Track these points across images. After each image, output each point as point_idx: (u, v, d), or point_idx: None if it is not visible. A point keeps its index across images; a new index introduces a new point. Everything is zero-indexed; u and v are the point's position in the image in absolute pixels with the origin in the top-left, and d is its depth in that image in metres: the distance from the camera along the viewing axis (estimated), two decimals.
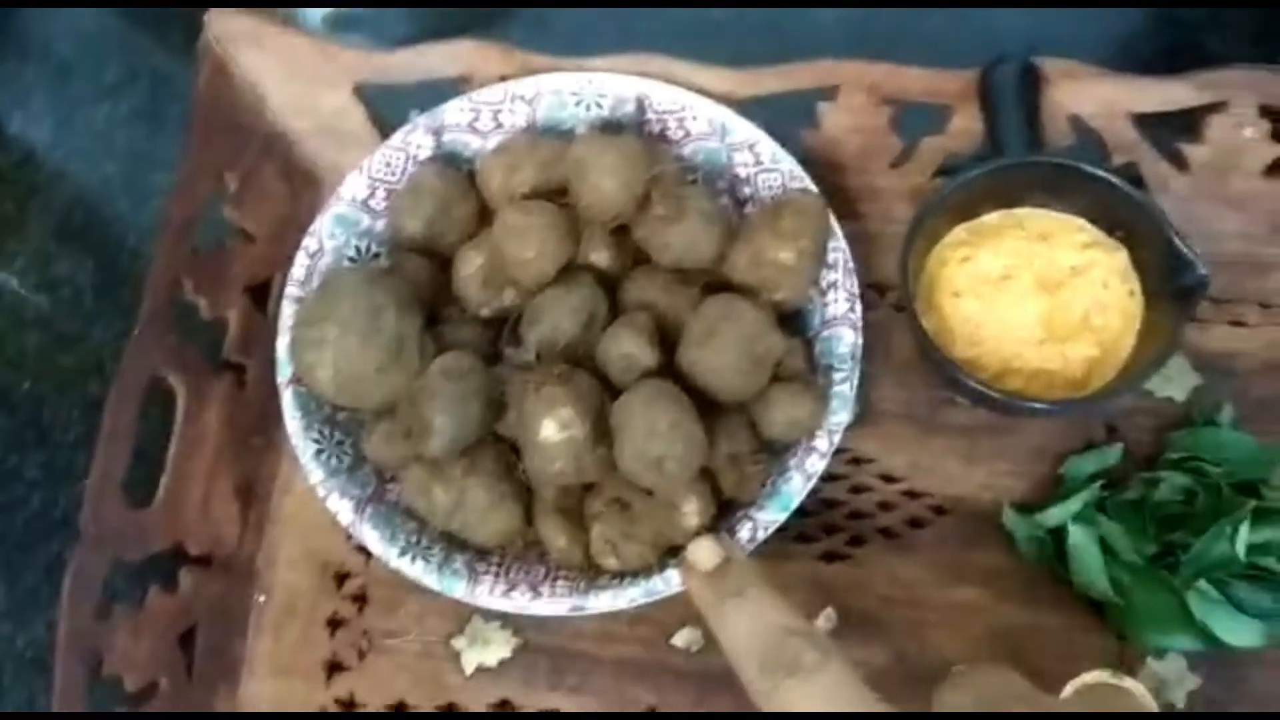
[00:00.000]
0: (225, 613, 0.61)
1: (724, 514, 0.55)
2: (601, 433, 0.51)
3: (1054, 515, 0.57)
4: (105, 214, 0.73)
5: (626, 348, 0.53)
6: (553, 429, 0.51)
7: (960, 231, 0.60)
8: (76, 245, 0.72)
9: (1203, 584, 0.53)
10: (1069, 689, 0.50)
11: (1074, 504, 0.57)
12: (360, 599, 0.62)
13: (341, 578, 0.62)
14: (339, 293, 0.53)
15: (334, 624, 0.61)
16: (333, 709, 0.59)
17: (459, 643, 0.60)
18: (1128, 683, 0.49)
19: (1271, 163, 0.61)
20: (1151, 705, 0.48)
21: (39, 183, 0.74)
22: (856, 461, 0.62)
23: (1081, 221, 0.59)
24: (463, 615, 0.60)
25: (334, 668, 0.60)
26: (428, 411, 0.51)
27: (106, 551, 0.55)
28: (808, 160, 0.61)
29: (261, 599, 0.62)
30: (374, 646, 0.61)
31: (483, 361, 0.55)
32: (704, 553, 0.46)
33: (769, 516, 0.54)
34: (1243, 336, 0.62)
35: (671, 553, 0.54)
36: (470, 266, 0.58)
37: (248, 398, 0.63)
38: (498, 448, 0.55)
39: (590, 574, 0.55)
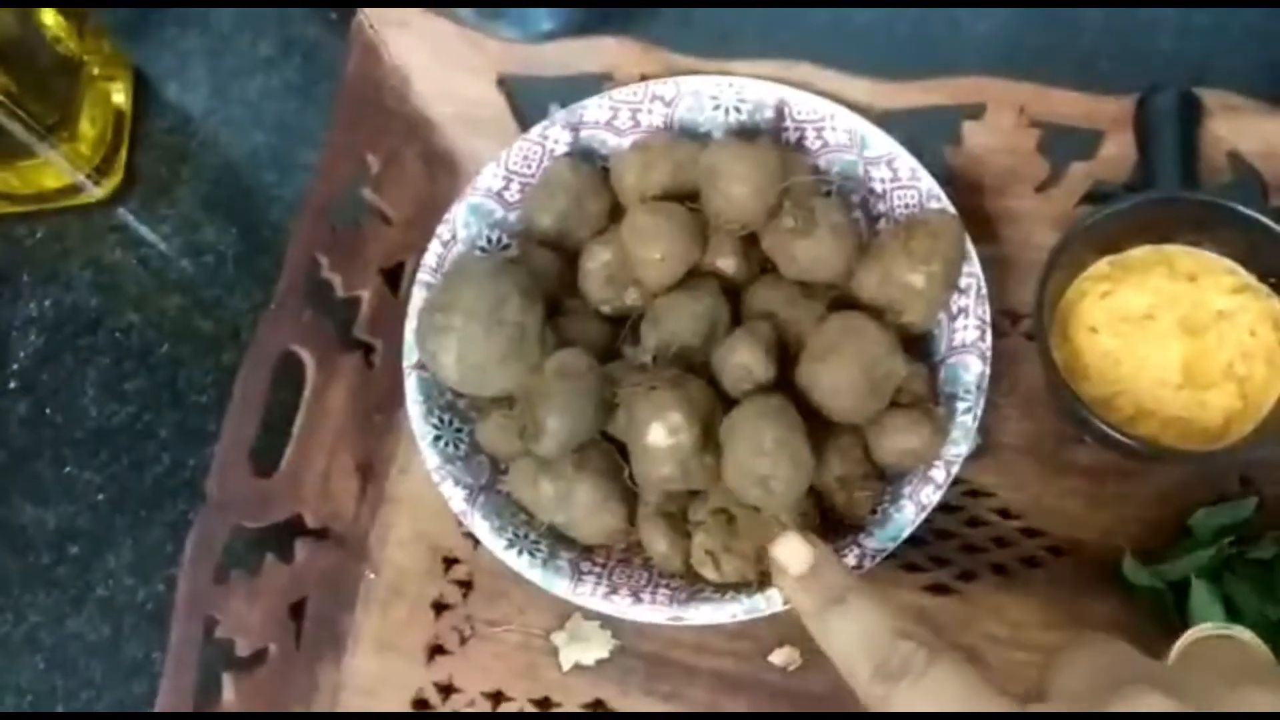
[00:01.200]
0: (336, 586, 0.62)
1: (832, 537, 0.54)
2: (710, 441, 0.51)
3: (1177, 568, 0.55)
4: (252, 185, 0.75)
5: (743, 358, 0.53)
6: (661, 433, 0.51)
7: (1103, 265, 0.57)
8: (222, 213, 0.74)
9: None
10: (1175, 649, 0.48)
11: (1200, 557, 0.54)
12: (466, 585, 0.63)
13: (450, 562, 0.63)
14: (466, 281, 0.54)
15: (439, 607, 0.62)
16: (430, 691, 0.61)
17: (558, 638, 0.60)
18: (1235, 629, 0.46)
19: None
20: (1265, 651, 0.46)
21: (191, 149, 0.76)
22: (974, 494, 0.60)
23: (1232, 264, 0.56)
24: (564, 612, 0.60)
25: (435, 650, 0.61)
26: (542, 411, 0.51)
27: (229, 517, 0.57)
28: (948, 179, 0.60)
29: (372, 576, 0.63)
30: (476, 633, 0.61)
31: (599, 359, 0.55)
32: (792, 554, 0.44)
33: (877, 544, 0.53)
34: None
35: None
36: (596, 262, 0.58)
37: (374, 377, 0.64)
38: (607, 448, 0.55)
39: (691, 583, 0.55)
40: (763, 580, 0.53)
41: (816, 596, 0.42)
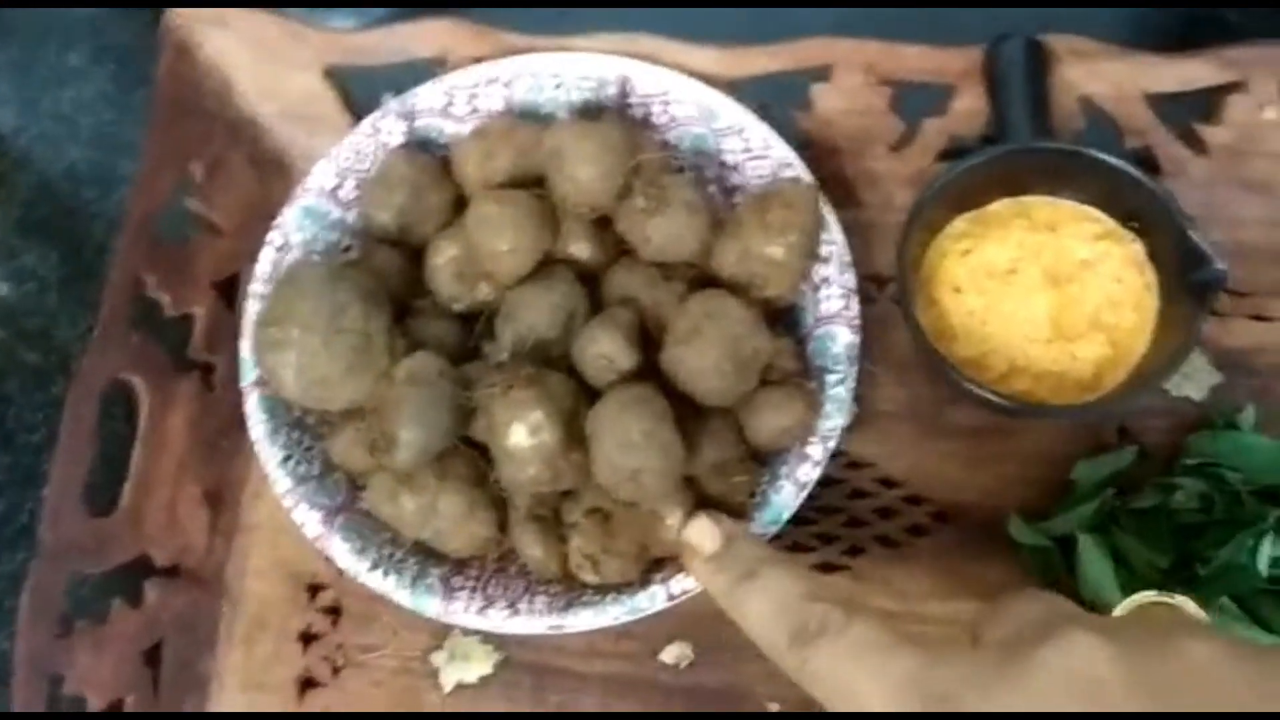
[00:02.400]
0: (193, 626, 0.58)
1: None
2: (576, 437, 0.48)
3: (1062, 524, 0.54)
4: (71, 204, 0.70)
5: (603, 348, 0.50)
6: (522, 434, 0.48)
7: (961, 222, 0.56)
8: (41, 236, 0.69)
9: (1223, 600, 0.50)
10: (1119, 610, 0.48)
11: (1084, 512, 0.54)
12: (334, 612, 0.59)
13: (315, 589, 0.59)
14: (300, 290, 0.50)
15: (307, 638, 0.59)
16: None
17: (438, 658, 0.57)
18: (1178, 599, 0.46)
19: None
20: (1201, 615, 0.46)
21: (2, 170, 0.71)
22: (854, 465, 0.59)
23: (1093, 211, 0.56)
24: (442, 630, 0.57)
25: (307, 684, 0.58)
26: (393, 423, 0.48)
27: (66, 565, 0.53)
28: (801, 145, 0.58)
29: (231, 611, 0.59)
30: (349, 662, 0.58)
31: (456, 360, 0.52)
32: (703, 535, 0.45)
33: (759, 529, 0.50)
34: (1265, 331, 0.58)
35: (655, 566, 0.51)
36: (442, 257, 0.55)
37: (215, 399, 0.60)
38: (469, 454, 0.52)
39: (571, 588, 0.52)
40: (645, 578, 0.51)
41: (729, 574, 0.42)
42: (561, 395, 0.49)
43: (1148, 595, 0.48)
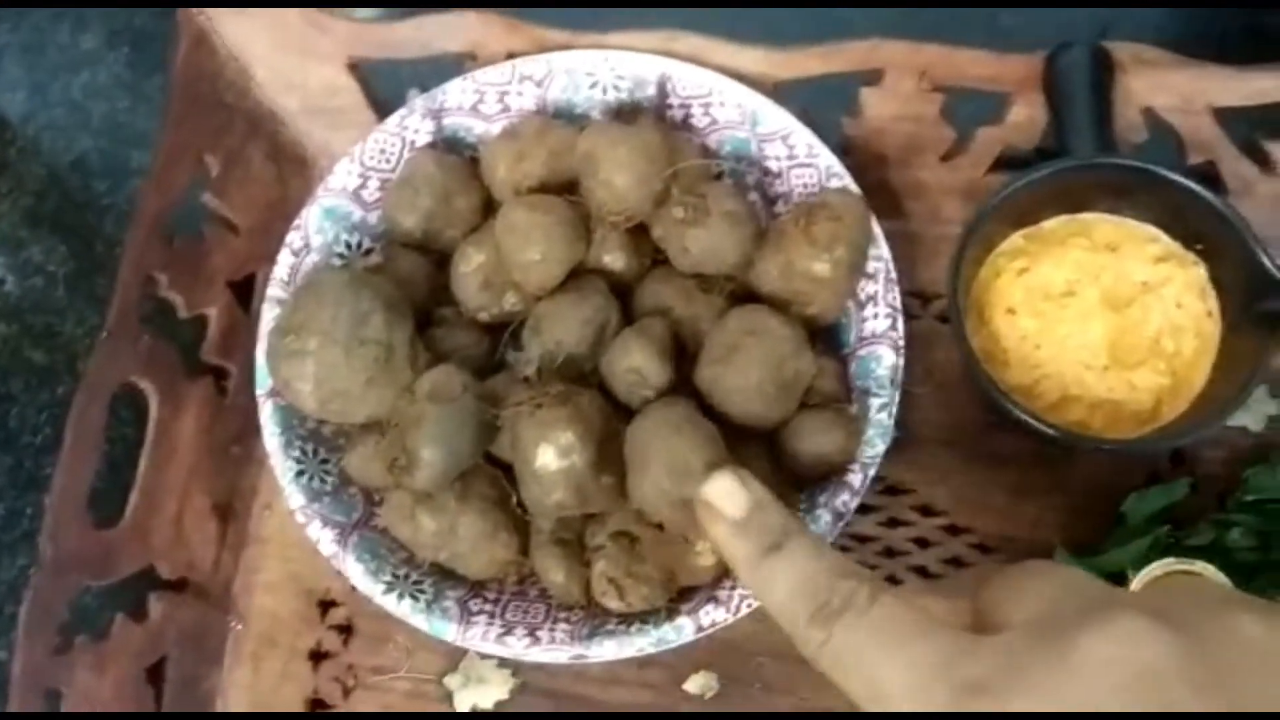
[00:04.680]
0: (199, 642, 0.56)
1: None
2: (606, 459, 0.46)
3: (1113, 559, 0.51)
4: (81, 196, 0.67)
5: (635, 361, 0.48)
6: (551, 456, 0.45)
7: (1018, 239, 0.53)
8: (49, 229, 0.67)
9: None
10: (1137, 582, 0.44)
11: (1136, 548, 0.51)
12: (346, 630, 0.57)
13: (326, 606, 0.57)
14: (320, 297, 0.48)
15: (317, 657, 0.56)
16: None
17: (452, 681, 0.55)
18: (1198, 565, 0.43)
19: None
20: (1226, 581, 0.43)
21: (9, 159, 0.68)
22: (892, 491, 0.56)
23: (1155, 231, 0.53)
24: (457, 652, 0.55)
25: (316, 705, 0.56)
26: (414, 441, 0.45)
27: (68, 577, 0.50)
28: (848, 152, 0.56)
29: (239, 627, 0.57)
30: (360, 683, 0.56)
31: (480, 373, 0.49)
32: (729, 497, 0.38)
33: None
34: None
35: (683, 595, 0.49)
36: (470, 265, 0.53)
37: (228, 404, 0.58)
38: (492, 472, 0.50)
39: (594, 615, 0.50)
40: (672, 608, 0.48)
41: (753, 543, 0.36)
42: (592, 415, 0.46)
43: (1167, 563, 0.45)
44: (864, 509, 0.55)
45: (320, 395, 0.48)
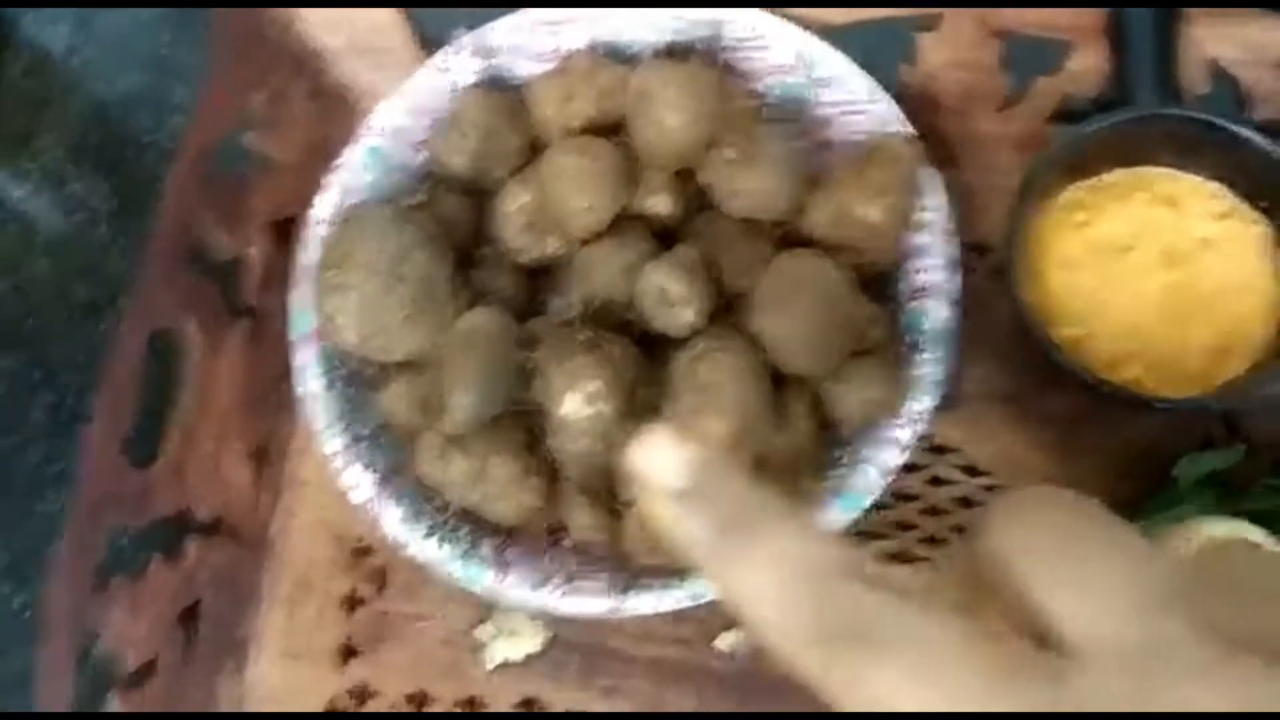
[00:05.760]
0: (233, 586, 0.55)
1: None
2: (637, 407, 0.45)
3: (1162, 524, 0.50)
4: (124, 132, 0.66)
5: (659, 280, 0.46)
6: (578, 403, 0.44)
7: (1078, 191, 0.52)
8: (92, 165, 0.66)
9: None
10: (1194, 542, 0.42)
11: (1185, 512, 0.49)
12: (380, 577, 0.56)
13: (361, 552, 0.57)
14: (362, 231, 0.47)
15: (351, 603, 0.56)
16: (344, 698, 0.54)
17: (484, 633, 0.55)
18: (1246, 528, 0.41)
19: None
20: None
21: (52, 93, 0.68)
22: (937, 449, 0.55)
23: (1217, 186, 0.51)
24: (489, 604, 0.54)
25: (349, 652, 0.55)
26: (449, 383, 0.44)
27: (104, 516, 0.50)
28: (901, 100, 0.54)
29: (274, 571, 0.56)
30: (392, 632, 0.55)
31: (519, 315, 0.48)
32: (660, 461, 0.25)
33: (837, 516, 0.47)
34: None
35: None
36: (514, 204, 0.52)
37: (267, 347, 0.57)
38: (524, 416, 0.49)
39: (629, 568, 0.49)
40: None
41: (705, 518, 0.24)
42: (623, 363, 0.46)
43: (1220, 526, 0.42)
44: (908, 467, 0.53)
45: (362, 331, 0.47)
